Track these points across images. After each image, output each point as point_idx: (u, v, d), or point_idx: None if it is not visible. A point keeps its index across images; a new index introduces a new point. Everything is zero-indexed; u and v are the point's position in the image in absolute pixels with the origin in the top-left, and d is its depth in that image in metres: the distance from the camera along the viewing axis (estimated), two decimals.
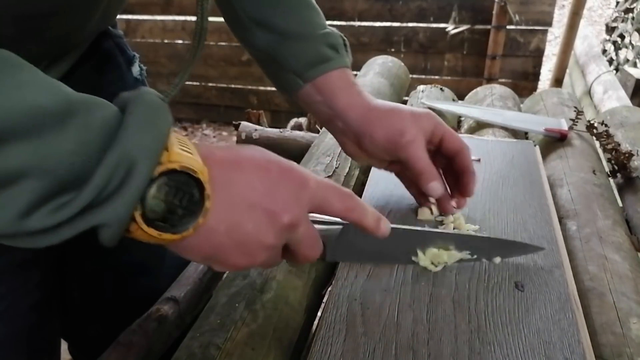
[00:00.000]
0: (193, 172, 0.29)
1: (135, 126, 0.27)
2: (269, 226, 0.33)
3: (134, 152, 0.26)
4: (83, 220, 0.26)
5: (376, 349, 0.38)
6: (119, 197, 0.26)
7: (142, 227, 0.28)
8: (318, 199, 0.35)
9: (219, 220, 0.31)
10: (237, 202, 0.32)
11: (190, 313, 0.54)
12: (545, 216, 0.54)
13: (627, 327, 0.43)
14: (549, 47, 2.91)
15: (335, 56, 0.52)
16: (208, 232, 0.31)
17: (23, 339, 0.49)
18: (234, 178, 0.32)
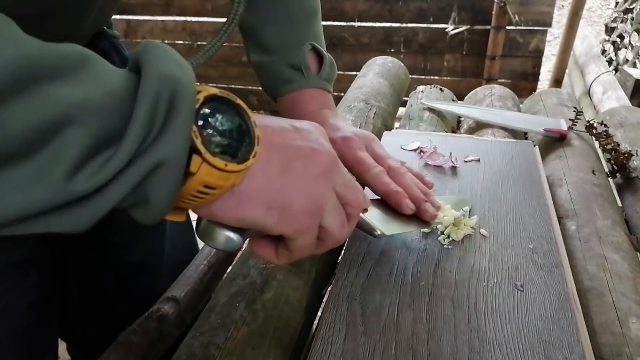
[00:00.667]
0: (234, 99, 0.28)
1: (161, 60, 0.24)
2: (314, 162, 0.32)
3: (170, 82, 0.24)
4: (134, 169, 0.23)
5: (376, 349, 0.38)
6: (171, 126, 0.23)
7: (206, 157, 0.25)
8: (340, 185, 0.35)
9: (271, 154, 0.30)
10: (282, 145, 0.31)
11: (190, 313, 0.54)
12: (544, 216, 0.54)
13: (627, 327, 0.43)
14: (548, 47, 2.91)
15: (296, 78, 0.51)
16: (263, 167, 0.29)
17: (21, 338, 0.49)
18: (274, 126, 0.32)
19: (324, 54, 0.53)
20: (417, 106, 0.90)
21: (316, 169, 0.32)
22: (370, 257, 0.48)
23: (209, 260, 0.59)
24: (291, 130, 0.32)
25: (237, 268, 0.50)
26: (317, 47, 0.53)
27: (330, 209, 0.33)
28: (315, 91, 0.52)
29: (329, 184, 0.33)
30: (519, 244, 0.49)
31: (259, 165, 0.29)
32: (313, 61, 0.52)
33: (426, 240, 0.50)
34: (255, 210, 0.29)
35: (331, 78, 0.54)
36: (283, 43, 0.51)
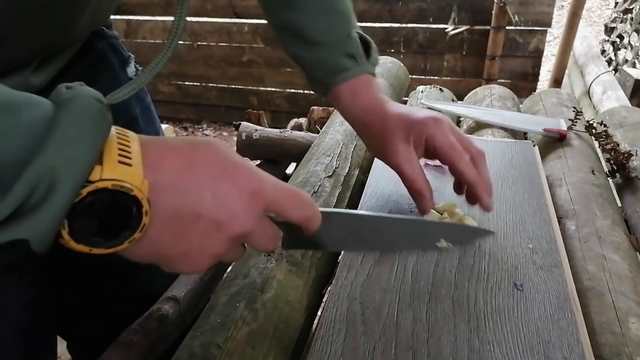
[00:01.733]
0: (128, 191, 0.27)
1: (62, 138, 0.25)
2: (216, 237, 0.32)
3: (58, 168, 0.25)
4: (4, 233, 0.25)
5: (376, 348, 0.38)
6: (40, 213, 0.25)
7: (70, 244, 0.27)
8: (275, 206, 0.34)
9: (162, 232, 0.30)
10: (182, 215, 0.30)
11: (190, 312, 0.54)
12: (544, 216, 0.54)
13: (626, 327, 0.43)
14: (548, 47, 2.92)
15: (352, 65, 0.52)
16: (149, 243, 0.30)
17: (18, 337, 0.48)
18: (182, 188, 0.30)
19: (369, 40, 0.54)
20: (417, 106, 0.90)
21: (214, 244, 0.32)
22: (370, 257, 0.48)
23: None
24: (212, 195, 0.31)
25: (237, 268, 0.50)
26: (363, 35, 0.54)
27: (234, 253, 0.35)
28: (369, 77, 0.53)
29: (229, 249, 0.33)
30: (518, 244, 0.49)
31: (139, 243, 0.30)
32: (361, 49, 0.54)
33: None
34: (138, 261, 0.32)
35: (377, 63, 0.55)
36: (333, 34, 0.52)
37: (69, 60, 0.48)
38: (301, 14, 0.52)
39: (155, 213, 0.29)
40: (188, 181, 0.30)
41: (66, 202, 0.26)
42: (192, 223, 0.31)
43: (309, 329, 0.48)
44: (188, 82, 2.96)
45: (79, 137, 0.26)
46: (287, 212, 0.35)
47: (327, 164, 0.66)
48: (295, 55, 0.55)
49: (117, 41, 0.57)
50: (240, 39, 2.72)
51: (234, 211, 0.31)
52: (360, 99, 0.52)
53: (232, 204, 0.31)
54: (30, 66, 0.42)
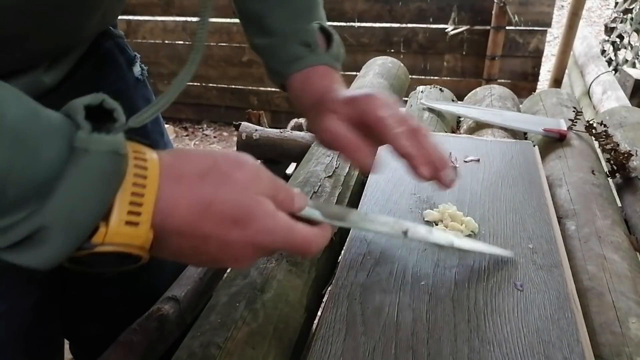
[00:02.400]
0: (128, 254, 0.28)
1: (64, 199, 0.25)
2: (216, 265, 0.35)
3: (53, 230, 0.25)
4: (6, 256, 0.26)
5: (376, 348, 0.38)
6: (38, 254, 0.26)
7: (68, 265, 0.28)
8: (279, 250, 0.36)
9: (169, 256, 0.32)
10: (186, 251, 0.32)
11: (190, 312, 0.54)
12: (544, 216, 0.54)
13: (626, 327, 0.43)
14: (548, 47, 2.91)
15: (306, 54, 0.50)
16: (163, 255, 0.32)
17: (24, 338, 0.49)
18: (188, 234, 0.31)
19: (332, 32, 0.53)
20: (417, 106, 0.90)
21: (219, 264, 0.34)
22: (370, 257, 0.48)
23: None
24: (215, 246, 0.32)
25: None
26: (325, 27, 0.52)
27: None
28: (325, 68, 0.51)
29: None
30: (518, 244, 0.49)
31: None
32: (322, 41, 0.52)
33: None
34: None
35: (340, 57, 0.53)
36: (291, 24, 0.51)
37: (78, 60, 0.48)
38: (262, 2, 0.51)
39: (161, 248, 0.31)
40: (196, 229, 0.31)
41: (60, 256, 0.26)
42: (196, 255, 0.33)
43: (309, 329, 0.48)
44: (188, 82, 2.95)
45: (84, 199, 0.26)
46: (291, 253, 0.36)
47: (327, 164, 0.66)
48: (254, 44, 0.53)
49: (123, 41, 0.57)
50: (240, 39, 2.72)
51: (235, 257, 0.33)
52: (308, 87, 0.50)
53: (235, 252, 0.33)
54: (42, 65, 0.42)
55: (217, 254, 0.33)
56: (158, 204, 0.29)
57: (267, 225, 0.33)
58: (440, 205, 0.54)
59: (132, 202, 0.28)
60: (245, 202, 0.32)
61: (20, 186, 0.24)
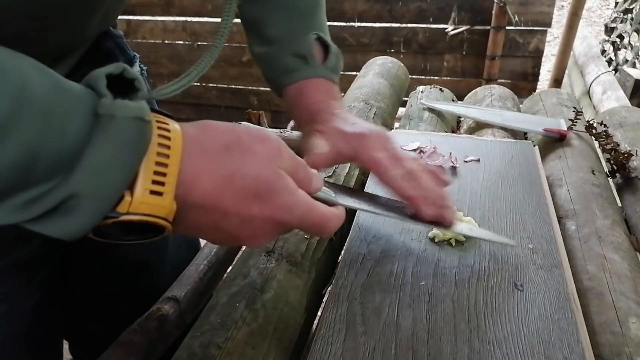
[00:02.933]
0: (153, 224, 0.28)
1: (92, 165, 0.25)
2: (234, 243, 0.35)
3: (83, 196, 0.25)
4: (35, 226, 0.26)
5: (376, 348, 0.38)
6: (67, 222, 0.26)
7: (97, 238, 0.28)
8: (296, 228, 0.36)
9: (189, 231, 0.32)
10: (206, 226, 0.32)
11: (190, 312, 0.54)
12: (544, 216, 0.54)
13: (626, 327, 0.43)
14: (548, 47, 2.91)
15: (300, 67, 0.50)
16: (182, 230, 0.32)
17: (25, 338, 0.49)
18: (209, 208, 0.31)
19: (329, 43, 0.52)
20: (417, 106, 0.90)
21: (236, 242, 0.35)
22: (370, 257, 0.48)
23: (209, 260, 0.59)
24: (238, 220, 0.32)
25: (237, 268, 0.50)
26: (323, 38, 0.51)
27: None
28: (321, 81, 0.51)
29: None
30: (518, 244, 0.49)
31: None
32: (319, 51, 0.51)
33: (426, 240, 0.50)
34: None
35: (337, 69, 0.53)
36: (288, 33, 0.51)
37: (79, 60, 0.48)
38: (262, 9, 0.51)
39: (182, 220, 0.30)
40: (217, 203, 0.31)
41: (88, 225, 0.26)
42: (215, 230, 0.33)
43: (309, 329, 0.48)
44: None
45: (111, 165, 0.26)
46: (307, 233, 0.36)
47: None
48: (253, 52, 0.53)
49: (122, 41, 0.57)
50: (240, 38, 2.72)
51: (254, 233, 0.33)
52: (302, 101, 0.50)
53: (254, 228, 0.33)
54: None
55: (237, 230, 0.32)
56: (181, 175, 0.29)
57: (288, 201, 0.33)
58: None
59: (156, 171, 0.28)
60: (267, 176, 0.32)
61: (50, 157, 0.24)
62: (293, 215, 0.33)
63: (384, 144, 0.46)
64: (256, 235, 0.33)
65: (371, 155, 0.45)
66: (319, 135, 0.47)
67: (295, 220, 0.34)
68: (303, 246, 0.52)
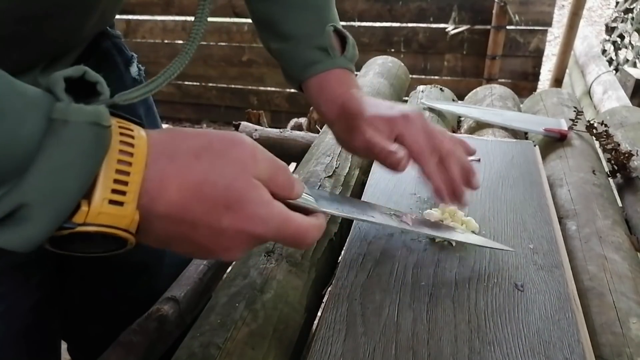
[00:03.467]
0: (113, 236, 0.27)
1: (43, 173, 0.24)
2: (207, 255, 0.33)
3: (34, 207, 0.24)
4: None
5: (376, 349, 0.38)
6: (18, 233, 0.24)
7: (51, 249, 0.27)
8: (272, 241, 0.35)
9: (156, 243, 0.31)
10: (175, 238, 0.30)
11: (190, 313, 0.54)
12: (545, 216, 0.54)
13: (627, 327, 0.43)
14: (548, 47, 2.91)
15: (323, 58, 0.51)
16: (149, 242, 0.30)
17: (23, 338, 0.49)
18: (177, 219, 0.29)
19: (346, 34, 0.53)
20: (417, 106, 0.90)
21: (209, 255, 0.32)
22: (370, 258, 0.48)
23: (208, 260, 0.58)
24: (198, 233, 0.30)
25: (237, 268, 0.50)
26: (339, 29, 0.53)
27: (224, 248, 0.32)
28: (342, 71, 0.52)
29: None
30: (519, 244, 0.49)
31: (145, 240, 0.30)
32: (337, 43, 0.52)
33: (426, 240, 0.50)
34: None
35: (354, 58, 0.54)
36: (307, 28, 0.51)
37: (76, 60, 0.48)
38: (276, 7, 0.51)
39: (147, 232, 0.29)
40: (185, 213, 0.29)
41: (41, 236, 0.25)
42: (185, 243, 0.31)
43: (309, 329, 0.48)
44: (188, 81, 2.95)
45: (64, 172, 0.24)
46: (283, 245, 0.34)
47: (327, 164, 0.66)
48: (271, 49, 0.54)
49: (120, 41, 0.57)
50: (240, 38, 2.72)
51: (226, 245, 0.31)
52: (327, 93, 0.51)
53: (226, 240, 0.31)
54: (39, 66, 0.42)
55: (208, 241, 0.30)
56: (145, 183, 0.27)
57: (261, 212, 0.31)
58: (441, 204, 0.54)
59: (116, 179, 0.26)
60: (239, 185, 0.30)
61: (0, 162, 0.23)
62: (268, 228, 0.31)
63: (423, 125, 0.48)
64: (229, 248, 0.31)
65: (415, 140, 0.46)
66: (368, 129, 0.47)
67: (270, 232, 0.32)
68: None
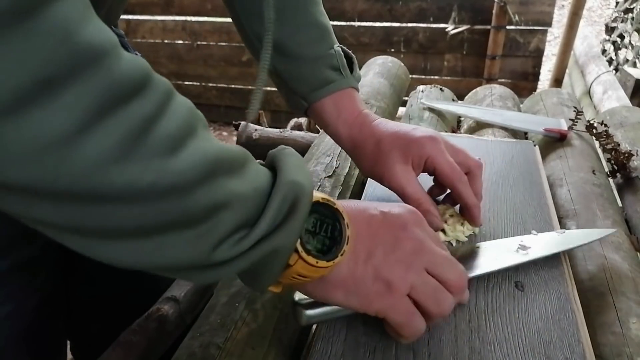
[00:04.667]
0: (333, 204, 0.32)
1: (291, 168, 0.30)
2: (397, 251, 0.35)
3: (296, 189, 0.29)
4: (257, 250, 0.28)
5: (376, 349, 0.38)
6: (287, 226, 0.29)
7: (302, 255, 0.31)
8: (431, 265, 0.36)
9: (358, 247, 0.34)
10: (367, 235, 0.35)
11: (190, 313, 0.54)
12: (545, 216, 0.54)
13: (627, 327, 0.43)
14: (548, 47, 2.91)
15: (337, 78, 0.52)
16: (351, 258, 0.34)
17: (28, 339, 0.49)
18: (359, 219, 0.35)
19: (352, 55, 0.54)
20: (417, 106, 0.90)
21: (397, 255, 0.35)
22: None
23: None
24: (379, 218, 0.36)
25: None
26: (345, 49, 0.53)
27: (418, 287, 0.35)
28: (352, 91, 0.52)
29: (411, 267, 0.35)
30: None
31: (345, 258, 0.33)
32: (344, 62, 0.53)
33: None
34: (337, 295, 0.35)
35: (360, 78, 0.55)
36: (314, 47, 0.51)
37: None
38: (279, 28, 0.50)
39: (351, 237, 0.33)
40: (370, 213, 0.36)
41: (305, 212, 0.30)
42: (376, 239, 0.35)
43: (309, 329, 0.47)
44: (188, 81, 2.96)
45: (299, 167, 0.31)
46: (444, 274, 0.36)
47: (327, 164, 0.66)
48: (276, 69, 0.53)
49: (124, 40, 0.57)
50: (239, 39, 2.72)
51: (406, 228, 0.36)
52: (345, 114, 0.51)
53: (408, 226, 0.36)
54: None
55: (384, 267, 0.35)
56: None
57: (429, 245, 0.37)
58: (439, 206, 0.54)
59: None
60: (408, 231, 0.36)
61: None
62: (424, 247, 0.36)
63: (447, 145, 0.49)
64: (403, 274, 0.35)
65: (447, 161, 0.48)
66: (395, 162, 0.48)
67: (427, 250, 0.36)
68: None
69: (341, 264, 0.33)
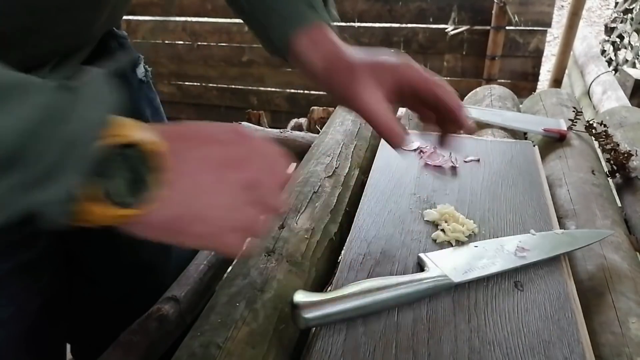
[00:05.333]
0: (142, 144, 0.28)
1: (80, 102, 0.26)
2: (227, 188, 0.34)
3: (75, 128, 0.25)
4: (15, 201, 0.25)
5: (376, 349, 0.38)
6: (58, 175, 0.25)
7: (93, 207, 0.27)
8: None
9: (177, 190, 0.31)
10: (192, 171, 0.32)
11: (190, 312, 0.54)
12: (544, 216, 0.54)
13: (626, 327, 0.43)
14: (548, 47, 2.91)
15: (312, 13, 0.50)
16: (167, 203, 0.31)
17: (29, 341, 0.49)
18: (189, 147, 0.32)
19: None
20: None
21: (225, 195, 0.34)
22: (370, 257, 0.48)
23: (209, 260, 0.59)
24: (219, 151, 0.34)
25: (237, 268, 0.50)
26: None
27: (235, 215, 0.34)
28: (328, 28, 0.51)
29: (240, 202, 0.34)
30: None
31: (159, 204, 0.30)
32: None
33: (426, 240, 0.50)
34: (154, 234, 0.32)
35: (336, 19, 0.54)
36: None
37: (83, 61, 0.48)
38: None
39: (168, 172, 0.30)
40: (193, 142, 0.33)
41: (84, 158, 0.26)
42: (203, 175, 0.33)
43: (309, 329, 0.48)
44: (188, 82, 2.96)
45: (92, 99, 0.27)
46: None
47: (327, 164, 0.66)
48: (249, 3, 0.51)
49: (126, 41, 0.57)
50: (240, 39, 2.72)
51: (239, 159, 0.35)
52: (321, 47, 0.50)
53: (237, 153, 0.35)
54: (48, 65, 0.42)
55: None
56: (154, 127, 0.30)
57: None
58: (438, 206, 0.54)
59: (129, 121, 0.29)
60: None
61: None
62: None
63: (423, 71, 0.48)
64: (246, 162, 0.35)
65: (423, 75, 0.47)
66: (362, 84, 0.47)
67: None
68: (303, 246, 0.52)
69: (162, 207, 0.30)
